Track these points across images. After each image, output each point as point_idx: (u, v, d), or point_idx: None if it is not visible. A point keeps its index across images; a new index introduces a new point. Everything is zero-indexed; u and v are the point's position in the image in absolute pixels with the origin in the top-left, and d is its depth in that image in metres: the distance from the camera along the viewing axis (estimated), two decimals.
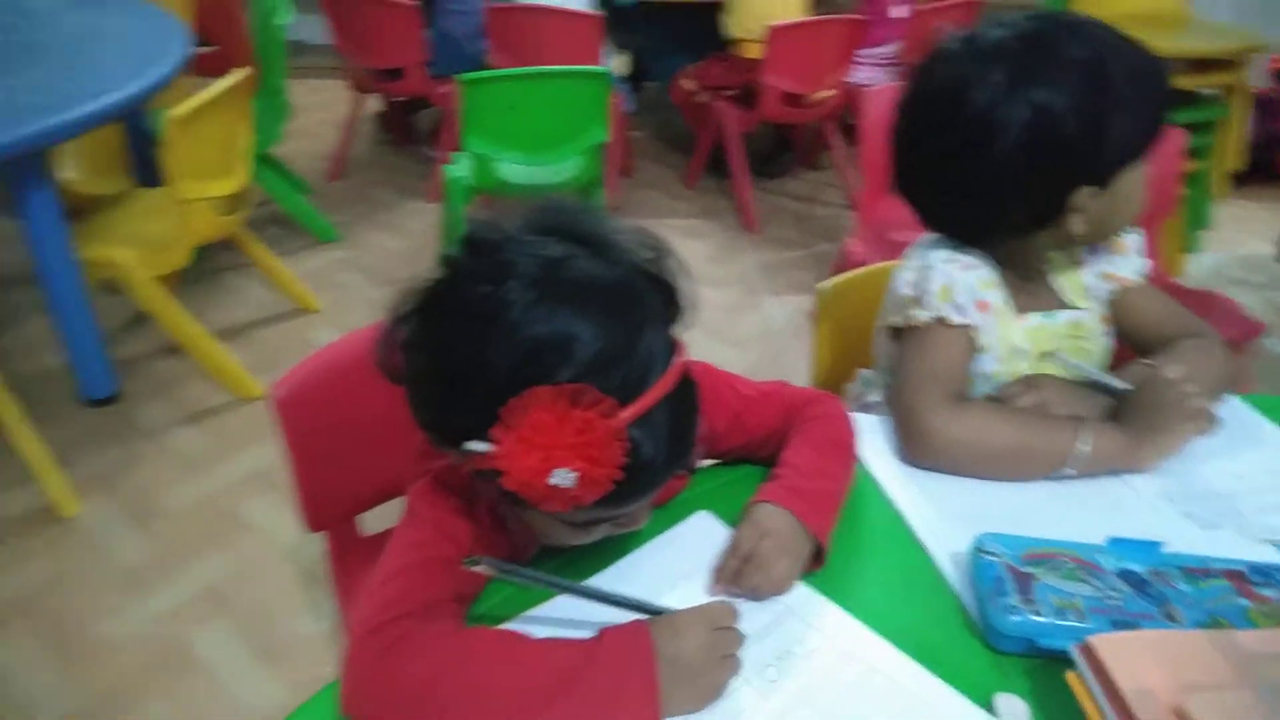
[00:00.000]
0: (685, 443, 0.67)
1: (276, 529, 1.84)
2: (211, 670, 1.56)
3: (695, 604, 0.69)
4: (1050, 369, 0.98)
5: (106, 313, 2.27)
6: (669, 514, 0.83)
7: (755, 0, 3.11)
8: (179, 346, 2.25)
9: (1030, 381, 0.94)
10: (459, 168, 2.53)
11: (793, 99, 3.07)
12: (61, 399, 2.16)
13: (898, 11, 3.24)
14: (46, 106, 1.84)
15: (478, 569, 0.64)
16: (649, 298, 0.65)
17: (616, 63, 3.35)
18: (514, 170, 2.53)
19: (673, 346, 0.66)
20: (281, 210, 2.97)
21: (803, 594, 0.74)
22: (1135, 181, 0.92)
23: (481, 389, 0.60)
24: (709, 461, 0.90)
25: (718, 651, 0.66)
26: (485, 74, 2.40)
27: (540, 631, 0.67)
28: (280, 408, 1.02)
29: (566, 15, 2.88)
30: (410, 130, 3.82)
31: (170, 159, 1.98)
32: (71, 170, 2.61)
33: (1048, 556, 0.72)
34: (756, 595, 0.73)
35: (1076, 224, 0.92)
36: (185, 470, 2.00)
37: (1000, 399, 0.94)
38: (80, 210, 2.23)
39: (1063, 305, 1.02)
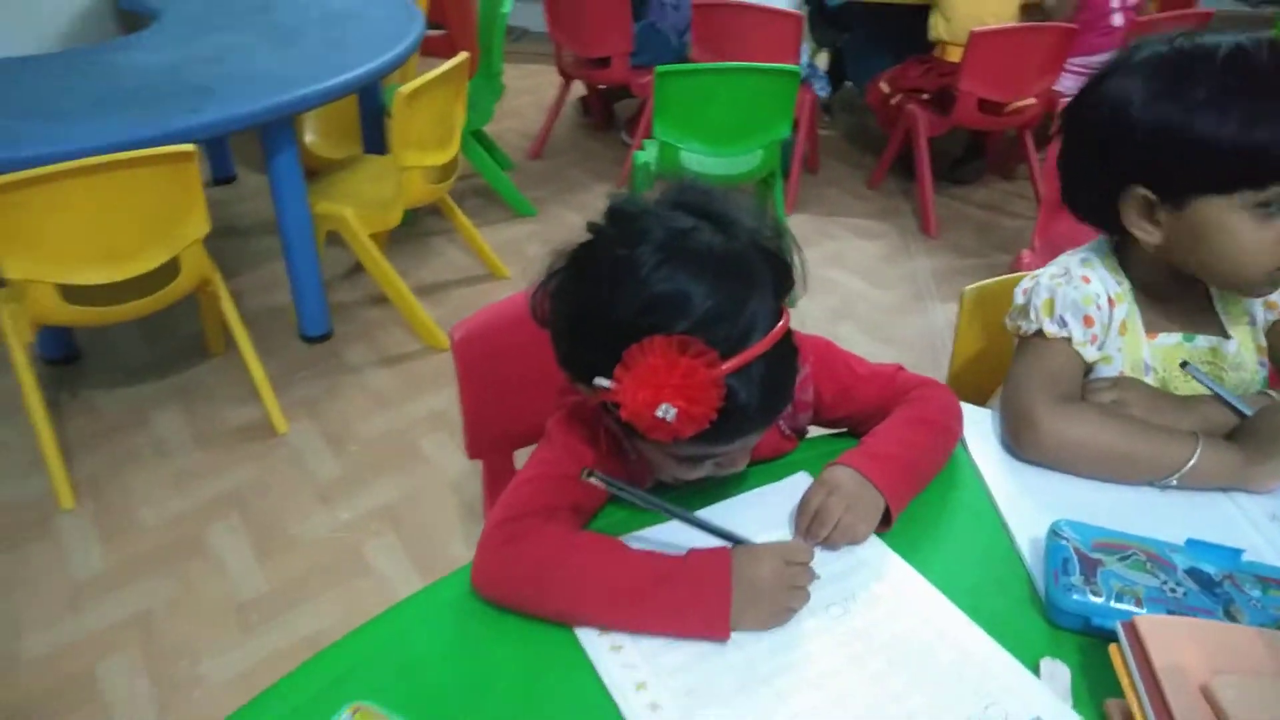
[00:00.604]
0: (779, 397, 0.76)
1: (447, 464, 2.05)
2: (378, 576, 1.78)
3: None
4: (1179, 380, 0.99)
5: (328, 263, 2.58)
6: (774, 471, 0.91)
7: (966, 1, 3.07)
8: (384, 297, 2.53)
9: (1117, 381, 0.95)
10: (646, 153, 2.68)
11: (989, 106, 3.01)
12: (284, 334, 2.48)
13: (1117, 20, 3.10)
14: (301, 79, 2.14)
15: (591, 480, 0.76)
16: (760, 270, 0.74)
17: (817, 59, 3.39)
18: (697, 159, 2.65)
19: (778, 314, 0.74)
20: (485, 183, 3.23)
21: (877, 549, 0.81)
22: (1228, 224, 0.86)
23: (609, 334, 0.71)
24: (818, 431, 0.98)
25: (788, 582, 0.74)
26: (678, 67, 2.52)
27: (639, 548, 0.78)
28: (458, 346, 1.18)
29: (768, 13, 2.97)
30: (610, 116, 4.03)
31: (395, 130, 2.23)
32: (311, 135, 2.98)
33: (1120, 547, 0.75)
34: (830, 547, 0.81)
35: (1147, 233, 0.92)
36: (377, 405, 2.27)
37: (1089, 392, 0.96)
38: (315, 171, 2.55)
39: (1220, 330, 1.01)
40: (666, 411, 0.69)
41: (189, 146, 1.80)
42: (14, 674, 1.58)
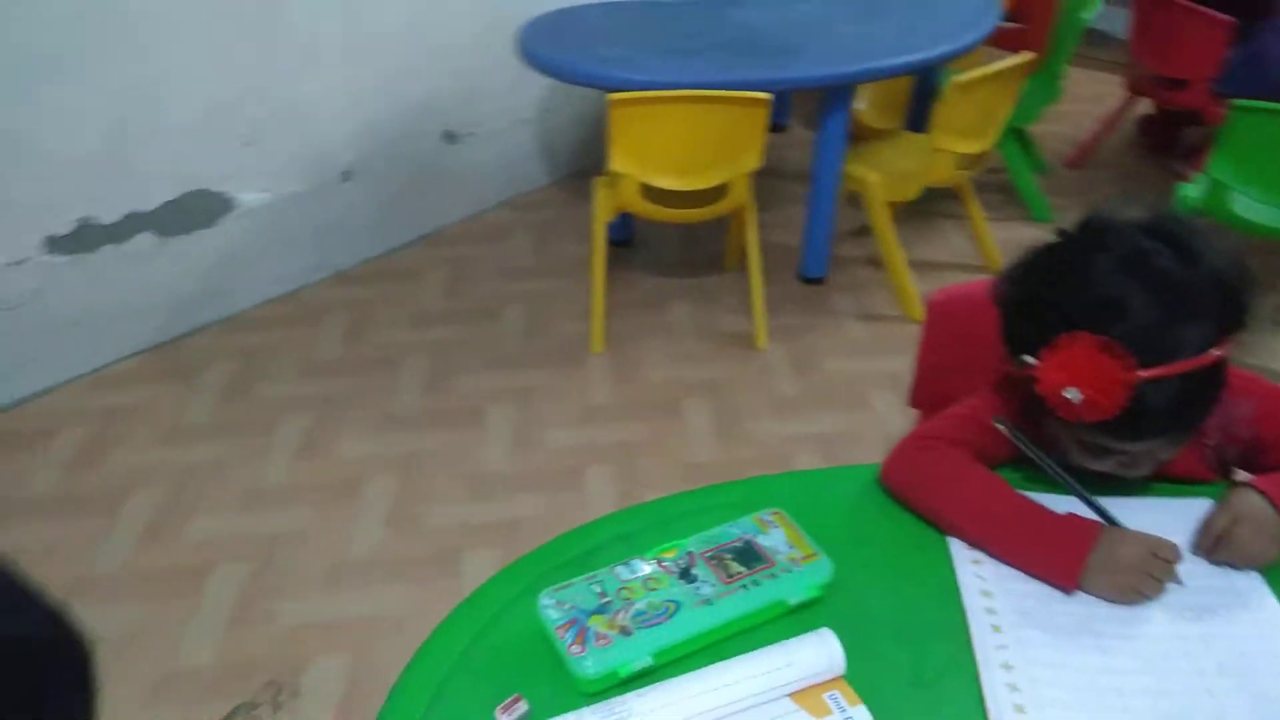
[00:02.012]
0: (1187, 415, 0.84)
1: (888, 418, 2.25)
2: None
3: None
4: None
5: (841, 219, 2.86)
6: (1178, 490, 0.97)
7: None
8: (880, 261, 2.76)
9: None
10: (1193, 189, 2.52)
11: None
12: (786, 269, 2.84)
13: None
14: (875, 53, 2.41)
15: (1000, 428, 0.92)
16: (1209, 302, 0.82)
17: None
18: (1253, 207, 2.43)
19: (1212, 344, 0.82)
20: (1008, 179, 3.26)
21: (1253, 581, 0.86)
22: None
23: (1047, 321, 0.84)
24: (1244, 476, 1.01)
25: (1146, 568, 0.84)
26: (1263, 105, 2.32)
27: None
28: (931, 306, 1.37)
29: None
30: (1169, 142, 3.73)
31: (940, 114, 2.41)
32: (862, 103, 3.25)
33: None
34: (1217, 563, 0.87)
35: None
36: (845, 349, 2.53)
37: None
38: (856, 136, 2.82)
39: None
40: (1074, 395, 0.82)
41: (765, 95, 2.17)
42: (539, 454, 2.16)
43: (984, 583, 0.88)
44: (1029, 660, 0.80)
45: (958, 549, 0.91)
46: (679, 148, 2.26)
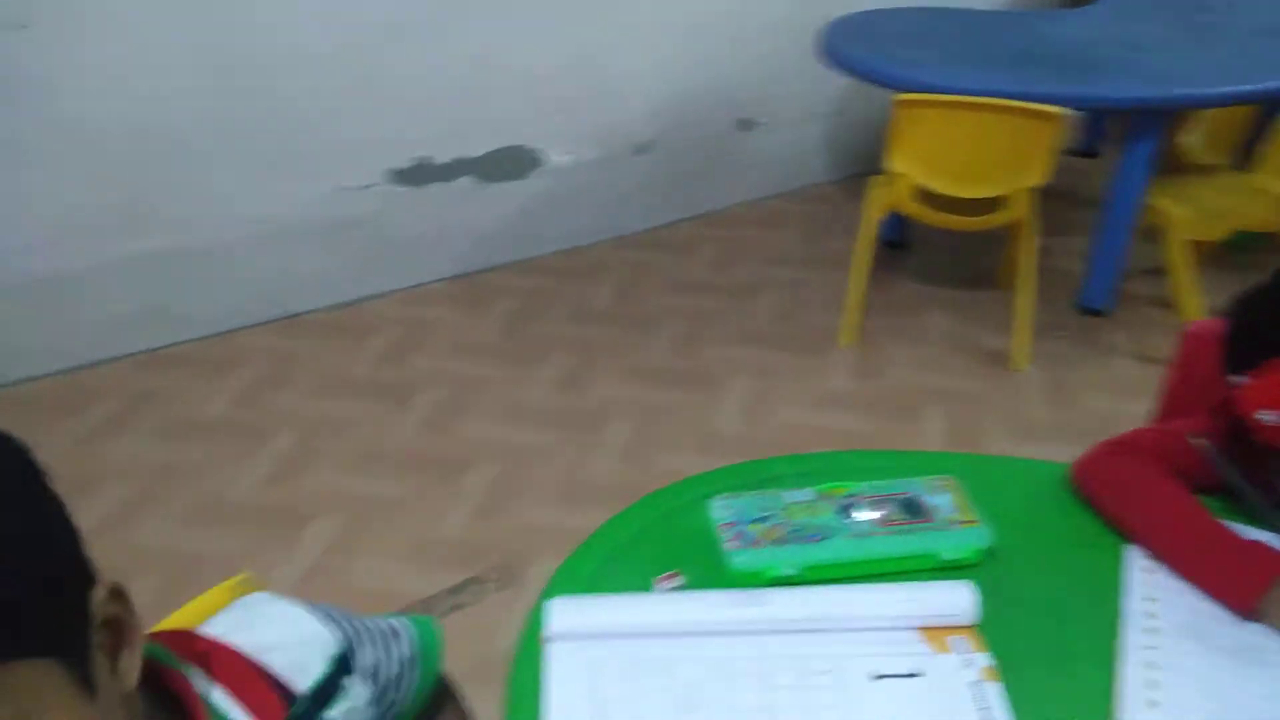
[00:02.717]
0: None
1: None
2: None
3: None
4: None
5: (1136, 253, 2.68)
6: None
7: None
8: (1171, 303, 2.56)
9: None
10: None
11: None
12: (1062, 296, 2.71)
13: None
14: (1191, 80, 2.25)
15: (1195, 443, 0.90)
16: None
17: None
18: None
19: None
20: None
21: None
22: None
23: (1262, 345, 0.83)
24: None
25: None
26: None
27: None
28: (1188, 336, 1.32)
29: None
30: None
31: (1270, 151, 2.20)
32: (1191, 135, 3.00)
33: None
34: None
35: None
36: (1109, 388, 2.38)
37: None
38: (1173, 168, 2.63)
39: None
40: (1268, 416, 0.80)
41: (1055, 109, 2.10)
42: (767, 427, 2.27)
43: (1152, 590, 0.87)
44: (1177, 667, 0.80)
45: (1134, 555, 0.91)
46: (961, 154, 2.25)
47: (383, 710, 0.68)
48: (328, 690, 0.62)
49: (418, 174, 2.67)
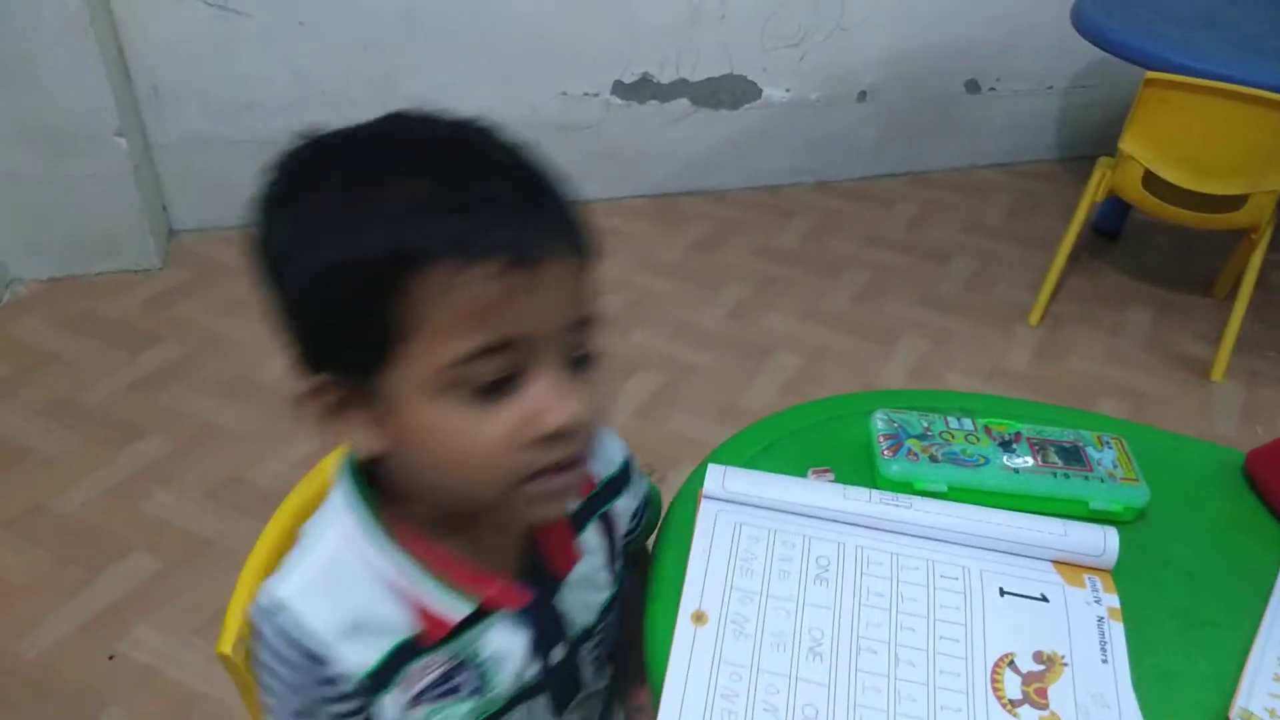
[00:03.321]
0: None
1: None
2: None
3: None
4: None
5: None
6: None
7: None
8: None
9: None
10: None
11: None
12: None
13: None
14: None
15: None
16: None
17: None
18: None
19: None
20: None
21: None
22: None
23: None
24: None
25: None
26: None
27: None
28: None
29: None
30: None
31: None
32: None
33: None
34: None
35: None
36: None
37: None
38: None
39: None
40: None
41: None
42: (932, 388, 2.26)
43: None
44: None
45: None
46: (1206, 144, 2.12)
47: (633, 525, 0.88)
48: (620, 481, 0.84)
49: (639, 90, 2.76)
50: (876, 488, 0.90)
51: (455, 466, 0.57)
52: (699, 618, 0.77)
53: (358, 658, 0.63)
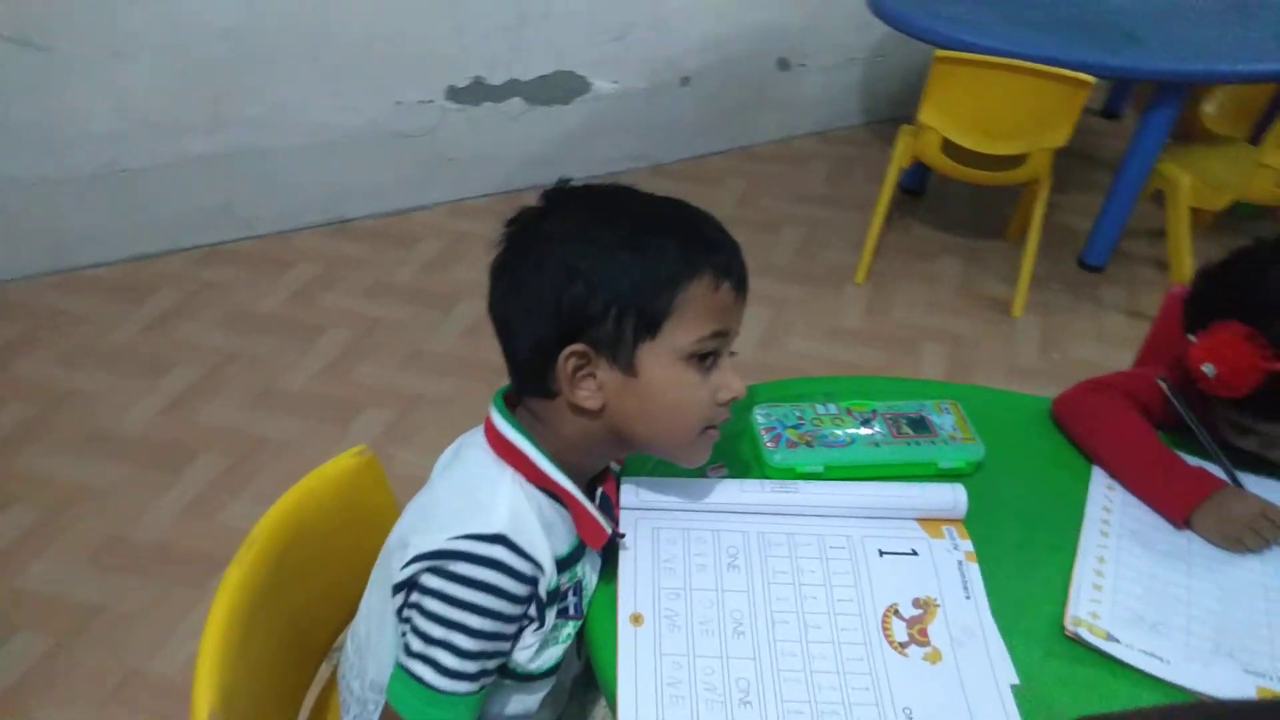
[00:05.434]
0: None
1: None
2: None
3: None
4: None
5: (1139, 215, 2.83)
6: None
7: None
8: (1166, 264, 2.73)
9: None
10: None
11: None
12: (1065, 251, 2.88)
13: None
14: (1227, 54, 2.36)
15: (1161, 385, 1.09)
16: None
17: None
18: None
19: None
20: None
21: None
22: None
23: (1215, 309, 0.99)
24: None
25: (1254, 525, 0.99)
26: None
27: None
28: (1169, 297, 1.49)
29: None
30: None
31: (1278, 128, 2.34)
32: (1211, 106, 3.12)
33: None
34: None
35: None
36: (1098, 339, 2.57)
37: None
38: (1189, 136, 2.76)
39: None
40: (1209, 369, 0.98)
41: (1087, 77, 2.24)
42: (777, 355, 2.45)
43: (1109, 502, 1.07)
44: (1120, 561, 1.00)
45: (1098, 475, 1.10)
46: (991, 112, 2.39)
47: None
48: None
49: (473, 93, 2.80)
50: (766, 477, 1.05)
51: (672, 413, 0.84)
52: (636, 619, 0.89)
53: (553, 551, 0.83)
